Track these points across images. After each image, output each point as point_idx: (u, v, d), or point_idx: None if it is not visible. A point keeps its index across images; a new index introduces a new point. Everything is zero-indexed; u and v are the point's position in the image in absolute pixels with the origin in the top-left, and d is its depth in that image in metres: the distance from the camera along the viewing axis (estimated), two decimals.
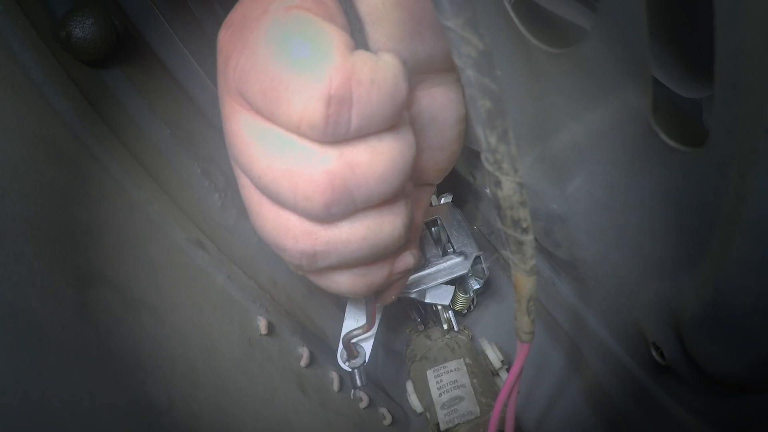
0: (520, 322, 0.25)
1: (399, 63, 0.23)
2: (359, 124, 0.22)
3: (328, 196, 0.23)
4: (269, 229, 0.26)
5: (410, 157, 0.25)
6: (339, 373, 0.44)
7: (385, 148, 0.24)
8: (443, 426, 0.37)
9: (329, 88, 0.21)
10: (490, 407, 0.38)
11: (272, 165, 0.23)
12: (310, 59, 0.21)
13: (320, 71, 0.21)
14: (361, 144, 0.23)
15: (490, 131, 0.19)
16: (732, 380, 0.24)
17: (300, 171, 0.23)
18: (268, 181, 0.24)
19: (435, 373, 0.40)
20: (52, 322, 0.26)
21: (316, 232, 0.25)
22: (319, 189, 0.23)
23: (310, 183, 0.23)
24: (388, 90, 0.22)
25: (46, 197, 0.29)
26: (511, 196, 0.21)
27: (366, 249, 0.26)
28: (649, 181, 0.22)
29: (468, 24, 0.18)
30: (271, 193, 0.25)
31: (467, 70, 0.19)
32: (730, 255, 0.19)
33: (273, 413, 0.37)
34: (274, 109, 0.22)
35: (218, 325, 0.37)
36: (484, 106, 0.19)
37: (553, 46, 0.22)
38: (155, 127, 0.39)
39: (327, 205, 0.23)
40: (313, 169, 0.23)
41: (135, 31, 0.39)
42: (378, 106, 0.22)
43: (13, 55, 0.30)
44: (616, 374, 0.34)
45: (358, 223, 0.26)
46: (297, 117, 0.21)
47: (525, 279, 0.23)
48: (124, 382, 0.28)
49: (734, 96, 0.15)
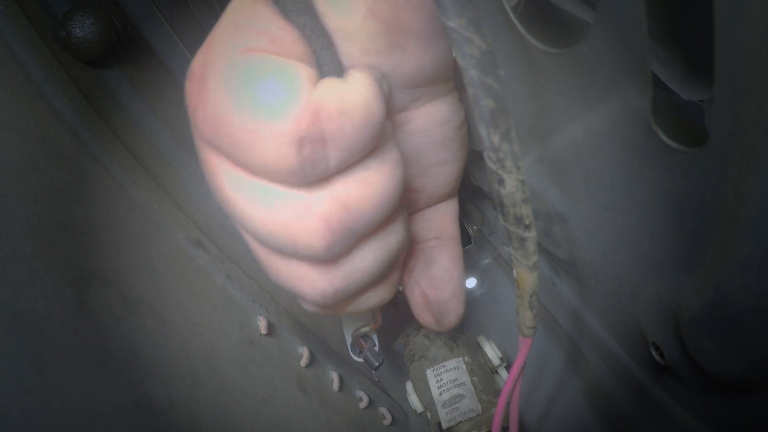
0: (522, 317, 0.25)
1: (370, 82, 0.22)
2: (339, 159, 0.21)
3: (329, 239, 0.23)
4: (284, 279, 0.26)
5: (400, 175, 0.24)
6: (339, 373, 0.44)
7: (374, 176, 0.23)
8: (445, 424, 0.37)
9: (298, 130, 0.20)
10: (492, 404, 0.38)
11: (265, 219, 0.23)
12: (272, 103, 0.20)
13: (285, 113, 0.20)
14: (349, 179, 0.22)
15: (494, 130, 0.20)
16: (732, 380, 0.24)
17: (294, 222, 0.22)
18: (266, 236, 0.23)
19: (434, 372, 0.40)
20: (52, 322, 0.26)
21: (329, 272, 0.25)
22: (319, 235, 0.22)
23: (307, 232, 0.22)
24: (361, 116, 0.21)
25: (46, 197, 0.29)
26: (513, 194, 0.21)
27: (380, 265, 0.26)
28: (649, 181, 0.22)
29: (471, 24, 0.18)
30: (273, 247, 0.24)
31: (470, 70, 0.19)
32: (730, 255, 0.19)
33: (273, 413, 0.37)
34: (249, 160, 0.21)
35: (218, 325, 0.37)
36: (487, 106, 0.19)
37: (552, 46, 0.22)
38: (155, 127, 0.39)
39: (330, 247, 0.23)
40: (307, 217, 0.22)
41: (135, 31, 0.39)
42: (354, 135, 0.21)
43: (13, 55, 0.30)
44: (616, 374, 0.34)
45: (366, 248, 0.25)
46: (273, 165, 0.21)
47: (527, 275, 0.23)
48: (124, 382, 0.28)
49: (734, 96, 0.15)
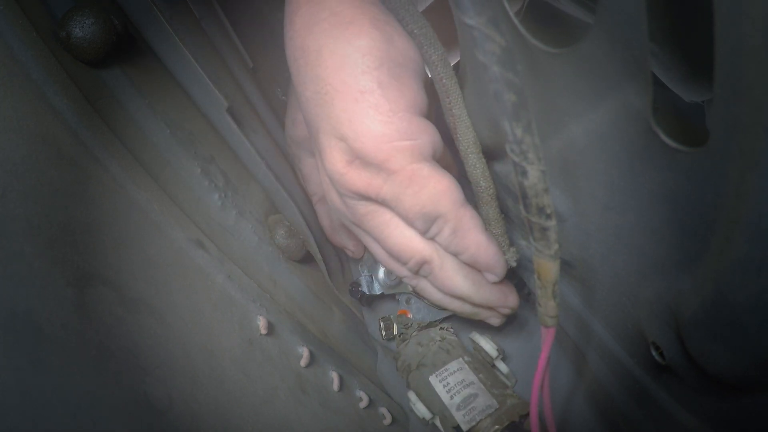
0: (545, 307, 0.26)
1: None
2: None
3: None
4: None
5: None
6: (339, 373, 0.44)
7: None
8: (465, 427, 0.37)
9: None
10: (506, 396, 0.38)
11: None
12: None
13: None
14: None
15: (516, 123, 0.20)
16: (732, 380, 0.24)
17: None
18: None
19: (438, 377, 0.40)
20: (52, 322, 0.26)
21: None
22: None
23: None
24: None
25: (46, 197, 0.29)
26: (536, 184, 0.21)
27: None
28: (649, 181, 0.22)
29: (491, 22, 0.19)
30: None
31: (492, 67, 0.19)
32: (730, 255, 0.19)
33: (273, 413, 0.37)
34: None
35: (218, 325, 0.37)
36: (509, 100, 0.20)
37: (552, 46, 0.22)
38: (155, 127, 0.39)
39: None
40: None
41: (135, 31, 0.39)
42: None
43: (13, 55, 0.30)
44: (616, 374, 0.34)
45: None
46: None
47: (550, 264, 0.24)
48: (124, 382, 0.28)
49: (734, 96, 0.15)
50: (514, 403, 0.38)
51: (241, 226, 0.44)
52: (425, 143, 0.30)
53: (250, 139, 0.46)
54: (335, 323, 0.48)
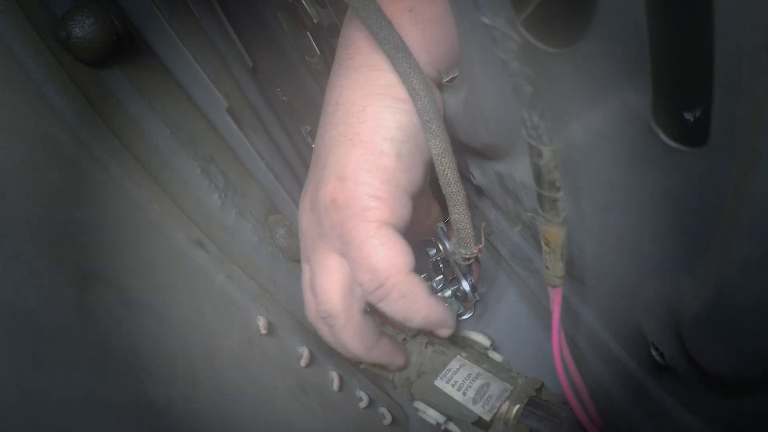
0: (553, 269, 0.28)
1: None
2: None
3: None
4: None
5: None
6: (339, 373, 0.44)
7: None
8: (488, 416, 0.37)
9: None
10: (515, 377, 0.39)
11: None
12: None
13: None
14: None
15: (533, 111, 0.22)
16: (732, 380, 0.24)
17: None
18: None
19: (444, 379, 0.39)
20: (52, 322, 0.26)
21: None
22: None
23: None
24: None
25: (46, 197, 0.29)
26: (548, 162, 0.24)
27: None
28: (649, 181, 0.22)
29: (509, 22, 0.20)
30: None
31: (513, 63, 0.21)
32: (730, 255, 0.19)
33: (273, 413, 0.37)
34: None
35: (218, 325, 0.37)
36: (528, 92, 0.22)
37: (552, 46, 0.22)
38: (155, 127, 0.39)
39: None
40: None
41: (135, 31, 0.39)
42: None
43: (13, 55, 0.30)
44: (616, 374, 0.34)
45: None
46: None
47: (559, 230, 0.27)
48: (124, 382, 0.28)
49: (734, 96, 0.15)
50: (526, 381, 0.38)
51: (241, 226, 0.44)
52: (399, 216, 0.33)
53: (250, 139, 0.46)
54: None
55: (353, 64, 0.34)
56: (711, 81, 0.16)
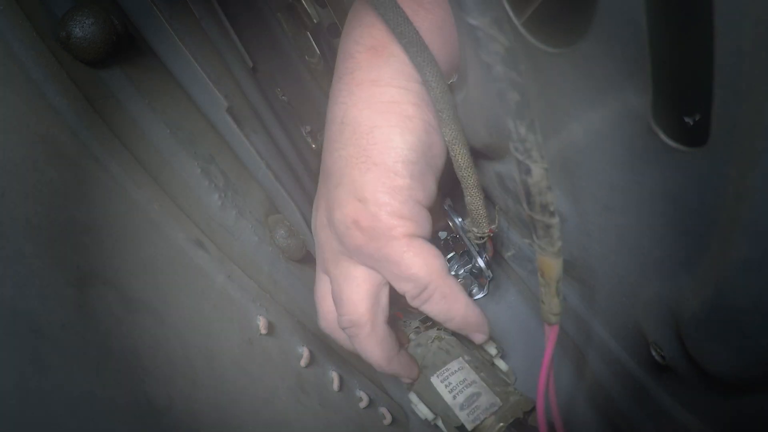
0: (549, 304, 0.26)
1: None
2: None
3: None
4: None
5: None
6: (339, 373, 0.44)
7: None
8: (470, 426, 0.37)
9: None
10: (509, 394, 0.38)
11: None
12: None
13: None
14: None
15: (520, 122, 0.21)
16: (732, 379, 0.24)
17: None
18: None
19: (440, 378, 0.40)
20: (52, 322, 0.26)
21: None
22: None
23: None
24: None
25: (46, 197, 0.29)
26: (539, 182, 0.22)
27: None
28: (649, 181, 0.22)
29: (495, 22, 0.19)
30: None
31: (496, 66, 0.20)
32: (730, 255, 0.19)
33: (273, 413, 0.37)
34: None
35: (218, 325, 0.37)
36: (513, 99, 0.20)
37: (552, 46, 0.22)
38: (155, 127, 0.39)
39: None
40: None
41: (135, 31, 0.39)
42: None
43: (13, 55, 0.30)
44: (616, 374, 0.34)
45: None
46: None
47: (553, 261, 0.24)
48: (124, 382, 0.28)
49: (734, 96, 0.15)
50: (517, 400, 0.38)
51: (241, 226, 0.44)
52: (423, 227, 0.35)
53: (250, 139, 0.46)
54: None
55: (354, 80, 0.34)
56: (711, 81, 0.16)
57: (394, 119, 0.33)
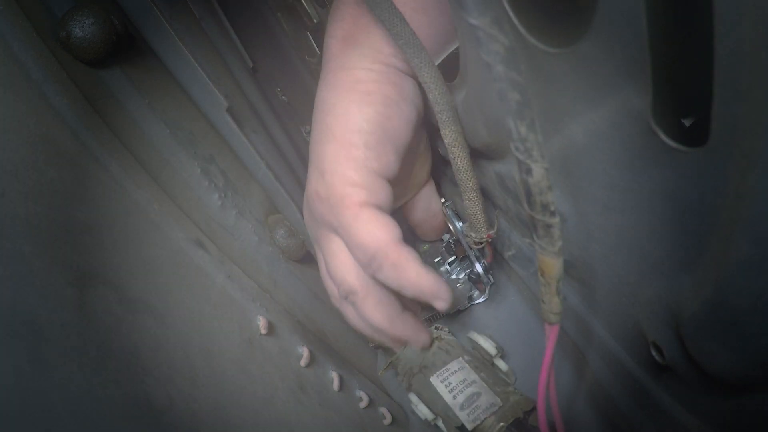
0: (549, 304, 0.26)
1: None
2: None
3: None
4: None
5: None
6: (339, 373, 0.44)
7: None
8: (470, 426, 0.37)
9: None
10: (509, 394, 0.38)
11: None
12: None
13: None
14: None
15: (521, 121, 0.21)
16: (732, 379, 0.24)
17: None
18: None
19: (440, 378, 0.39)
20: (52, 322, 0.26)
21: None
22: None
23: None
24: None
25: (46, 197, 0.29)
26: (540, 182, 0.22)
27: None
28: (649, 181, 0.22)
29: (495, 22, 0.19)
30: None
31: (497, 66, 0.20)
32: (730, 255, 0.19)
33: (273, 413, 0.37)
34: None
35: (218, 325, 0.37)
36: (513, 99, 0.20)
37: (552, 46, 0.22)
38: (155, 127, 0.39)
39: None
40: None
41: (135, 31, 0.39)
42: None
43: (13, 55, 0.30)
44: (616, 374, 0.34)
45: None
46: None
47: (554, 261, 0.24)
48: (124, 382, 0.28)
49: (734, 96, 0.15)
50: (517, 400, 0.38)
51: (241, 226, 0.44)
52: (378, 197, 0.35)
53: (250, 139, 0.46)
54: (335, 323, 0.48)
55: (329, 69, 0.37)
56: (711, 81, 0.16)
57: (354, 96, 0.35)
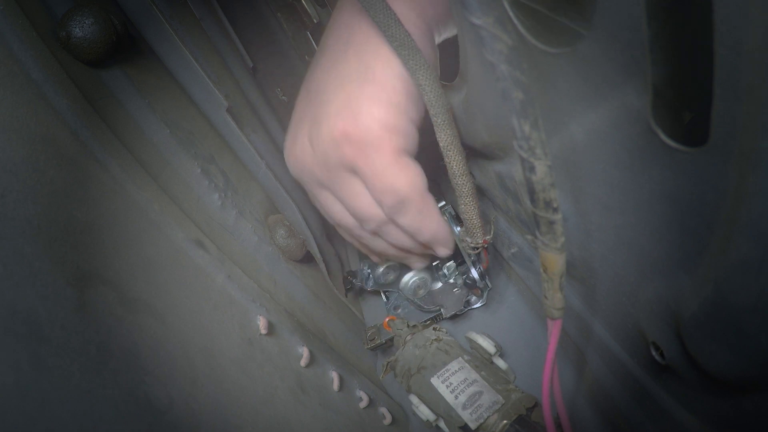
0: (552, 299, 0.27)
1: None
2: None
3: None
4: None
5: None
6: (339, 373, 0.44)
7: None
8: (474, 425, 0.37)
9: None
10: (510, 391, 0.38)
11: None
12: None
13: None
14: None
15: (524, 120, 0.21)
16: (731, 379, 0.24)
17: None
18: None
19: (440, 378, 0.39)
20: (52, 322, 0.26)
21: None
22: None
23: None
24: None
25: (46, 197, 0.29)
26: (543, 179, 0.22)
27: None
28: (649, 181, 0.22)
29: (498, 22, 0.19)
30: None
31: (500, 65, 0.20)
32: (730, 255, 0.19)
33: (273, 413, 0.37)
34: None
35: (218, 325, 0.37)
36: (517, 98, 0.20)
37: (552, 46, 0.22)
38: (155, 127, 0.39)
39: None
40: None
41: (135, 31, 0.39)
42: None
43: (13, 55, 0.30)
44: (616, 374, 0.34)
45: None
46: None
47: (557, 257, 0.25)
48: (124, 382, 0.28)
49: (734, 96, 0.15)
50: (519, 397, 0.38)
51: (241, 226, 0.44)
52: (412, 145, 0.36)
53: (250, 139, 0.46)
54: (335, 323, 0.48)
55: (363, 21, 0.35)
56: (711, 81, 0.16)
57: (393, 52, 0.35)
